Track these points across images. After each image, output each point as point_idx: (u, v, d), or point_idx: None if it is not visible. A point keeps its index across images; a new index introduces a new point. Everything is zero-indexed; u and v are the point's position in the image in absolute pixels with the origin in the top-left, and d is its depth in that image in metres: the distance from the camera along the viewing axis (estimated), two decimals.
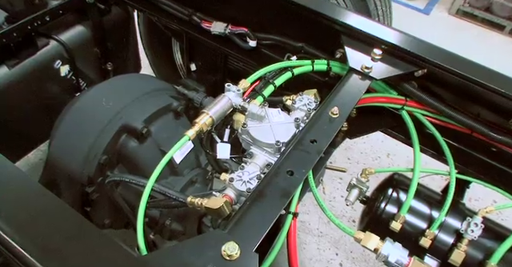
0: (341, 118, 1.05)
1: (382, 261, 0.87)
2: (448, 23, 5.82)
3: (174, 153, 0.92)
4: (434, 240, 1.18)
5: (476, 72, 1.26)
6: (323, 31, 1.43)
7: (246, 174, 0.91)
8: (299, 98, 1.16)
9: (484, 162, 1.35)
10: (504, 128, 1.26)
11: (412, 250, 1.21)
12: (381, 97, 1.32)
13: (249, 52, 1.64)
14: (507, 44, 5.67)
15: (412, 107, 1.33)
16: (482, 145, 1.33)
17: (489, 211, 1.18)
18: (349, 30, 1.35)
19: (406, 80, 1.33)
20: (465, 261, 1.14)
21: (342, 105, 1.08)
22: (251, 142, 1.00)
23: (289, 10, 1.45)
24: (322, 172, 1.68)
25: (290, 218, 0.86)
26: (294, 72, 1.31)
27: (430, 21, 5.63)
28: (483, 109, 1.29)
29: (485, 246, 1.18)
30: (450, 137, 1.35)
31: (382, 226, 1.23)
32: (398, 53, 1.29)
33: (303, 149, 0.94)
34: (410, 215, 1.23)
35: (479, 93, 1.25)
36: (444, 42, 4.60)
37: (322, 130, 1.00)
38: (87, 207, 1.38)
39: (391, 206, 1.26)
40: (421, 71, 1.30)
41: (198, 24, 1.67)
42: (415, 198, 1.26)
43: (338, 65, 1.37)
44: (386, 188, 1.32)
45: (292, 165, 0.91)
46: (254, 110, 1.01)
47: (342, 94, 1.14)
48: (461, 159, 1.35)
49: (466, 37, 5.51)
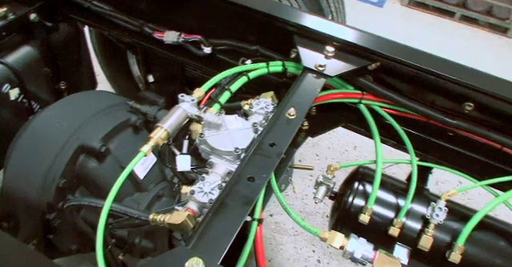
0: (298, 119, 1.05)
1: (349, 258, 0.87)
2: (401, 14, 5.99)
3: (130, 171, 0.89)
4: (403, 228, 1.20)
5: (427, 61, 1.29)
6: (276, 33, 1.43)
7: (207, 185, 0.89)
8: (256, 102, 1.16)
9: (443, 147, 1.38)
10: (458, 112, 1.30)
11: (383, 240, 1.24)
12: (338, 93, 1.34)
13: (205, 59, 1.62)
14: (458, 29, 5.90)
15: (369, 100, 1.36)
16: (439, 131, 1.37)
17: (451, 194, 1.21)
18: (300, 30, 1.36)
19: (361, 74, 1.35)
20: (433, 245, 1.17)
21: (298, 106, 1.08)
22: (210, 152, 0.98)
23: (240, 15, 1.45)
24: (289, 172, 1.69)
25: (255, 225, 0.85)
26: (250, 76, 1.30)
27: (384, 13, 5.78)
28: (437, 97, 1.32)
29: (451, 229, 1.20)
30: (409, 126, 1.38)
31: (351, 220, 1.24)
32: (350, 48, 1.31)
33: (263, 154, 0.93)
34: (378, 206, 1.24)
35: (432, 81, 1.28)
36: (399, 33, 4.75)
37: (281, 133, 1.00)
38: (50, 235, 1.33)
39: (358, 199, 1.27)
40: (374, 64, 1.33)
41: (151, 35, 1.64)
42: (381, 189, 1.27)
43: (294, 65, 1.38)
44: (352, 182, 1.33)
45: (252, 170, 0.90)
46: (210, 119, 1.00)
47: (298, 94, 1.14)
48: (421, 146, 1.38)
49: (420, 26, 5.69)
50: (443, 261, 1.17)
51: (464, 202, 1.35)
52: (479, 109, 1.28)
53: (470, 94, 1.26)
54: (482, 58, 5.25)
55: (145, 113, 1.33)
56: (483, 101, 1.25)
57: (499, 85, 1.27)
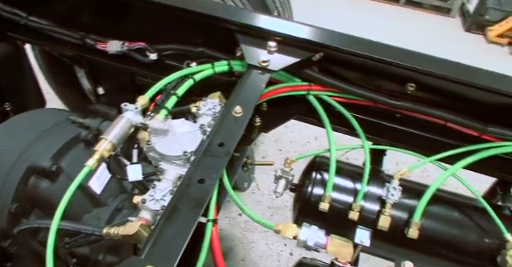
0: (245, 116, 1.05)
1: (303, 247, 0.89)
2: (349, 4, 6.15)
3: (76, 187, 0.87)
4: (361, 211, 1.24)
5: (367, 48, 1.33)
6: (220, 33, 1.43)
7: (159, 192, 0.88)
8: (203, 104, 1.16)
9: (392, 129, 1.43)
10: (401, 94, 1.35)
11: (345, 225, 1.27)
12: (285, 87, 1.35)
13: (152, 66, 1.60)
14: (404, 13, 6.11)
15: (317, 91, 1.38)
16: (387, 113, 1.41)
17: (403, 173, 1.26)
18: (242, 28, 1.37)
19: (306, 66, 1.37)
20: (392, 224, 1.21)
21: (244, 103, 1.09)
22: (159, 158, 0.97)
23: (182, 18, 1.44)
24: (250, 170, 1.70)
25: (210, 226, 0.85)
26: (196, 78, 1.30)
27: (332, 5, 5.91)
28: (381, 81, 1.36)
29: (407, 206, 1.25)
30: (358, 112, 1.42)
31: (312, 209, 1.27)
32: (292, 42, 1.33)
33: (212, 154, 0.94)
34: (336, 193, 1.27)
35: (374, 66, 1.32)
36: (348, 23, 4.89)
37: (229, 132, 1.01)
38: (7, 263, 1.28)
39: (317, 188, 1.30)
40: (318, 55, 1.35)
41: (93, 46, 1.60)
42: (338, 176, 1.30)
43: (239, 63, 1.38)
44: (310, 172, 1.36)
45: (202, 172, 0.90)
46: (156, 125, 0.99)
47: (244, 92, 1.15)
48: (372, 130, 1.42)
49: (367, 14, 5.86)
50: (403, 238, 1.22)
51: (424, 178, 1.40)
52: (421, 89, 1.32)
53: (410, 75, 1.31)
54: (430, 39, 5.47)
55: (88, 126, 1.30)
56: (423, 80, 1.30)
57: (437, 64, 1.32)
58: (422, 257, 1.29)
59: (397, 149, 1.39)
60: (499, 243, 1.21)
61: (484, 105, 1.30)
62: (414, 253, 1.27)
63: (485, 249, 1.23)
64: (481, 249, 1.23)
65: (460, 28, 6.13)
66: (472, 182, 1.27)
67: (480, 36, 5.93)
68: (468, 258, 1.25)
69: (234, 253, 1.91)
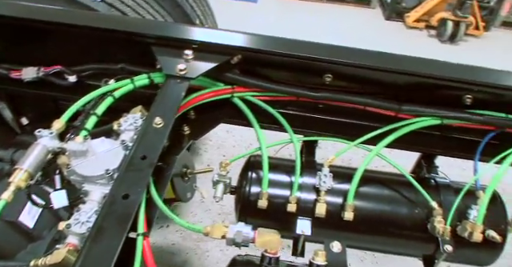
0: (166, 126, 1.06)
1: (233, 245, 0.91)
2: (276, 6, 6.32)
3: None
4: (299, 202, 1.28)
5: (281, 46, 1.38)
6: (136, 47, 1.42)
7: (84, 214, 0.86)
8: (124, 120, 1.15)
9: (318, 119, 1.49)
10: (321, 85, 1.41)
11: (285, 219, 1.31)
12: (208, 92, 1.37)
13: (73, 88, 1.55)
14: (327, 9, 6.38)
15: (241, 92, 1.41)
16: (310, 106, 1.47)
17: (331, 160, 1.31)
18: (156, 40, 1.37)
19: (227, 70, 1.40)
20: (328, 210, 1.26)
21: (164, 113, 1.09)
22: (82, 180, 0.95)
23: (95, 37, 1.42)
24: (192, 179, 1.69)
25: (141, 240, 0.84)
26: (116, 95, 1.28)
27: (259, 8, 6.05)
28: (300, 75, 1.42)
29: (340, 191, 1.31)
30: (283, 108, 1.47)
31: (252, 208, 1.29)
32: (207, 48, 1.35)
33: (135, 169, 0.93)
34: (273, 188, 1.31)
35: (290, 62, 1.37)
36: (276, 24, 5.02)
37: (151, 144, 1.00)
38: None
39: (254, 187, 1.32)
40: (236, 58, 1.38)
41: (7, 76, 1.53)
42: (273, 172, 1.34)
43: (159, 75, 1.38)
44: (246, 172, 1.38)
45: (126, 187, 0.89)
46: (74, 148, 0.97)
47: (163, 102, 1.15)
48: (299, 124, 1.47)
49: (294, 13, 6.05)
50: (341, 222, 1.27)
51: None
52: (338, 78, 1.39)
53: (326, 67, 1.37)
54: (355, 30, 5.75)
55: (1, 159, 1.24)
56: (338, 70, 1.37)
57: (349, 53, 1.40)
58: (361, 237, 1.35)
59: (325, 138, 1.45)
60: (427, 212, 1.30)
61: (396, 86, 1.39)
62: (353, 234, 1.33)
63: (416, 219, 1.32)
64: (413, 220, 1.32)
65: (381, 17, 6.51)
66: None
67: (400, 23, 6.32)
68: (403, 230, 1.33)
69: (190, 265, 1.89)
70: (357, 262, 2.31)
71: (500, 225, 1.31)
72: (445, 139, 1.46)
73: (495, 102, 1.38)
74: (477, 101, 1.37)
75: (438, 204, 1.28)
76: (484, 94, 1.37)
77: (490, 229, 1.26)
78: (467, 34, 6.11)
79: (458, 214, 1.29)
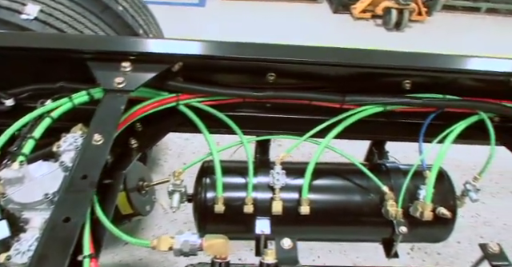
0: (106, 143, 1.03)
1: (181, 255, 0.90)
2: (223, 9, 6.32)
3: None
4: (255, 203, 1.28)
5: (220, 49, 1.39)
6: (73, 64, 1.38)
7: (25, 243, 0.83)
8: (63, 140, 1.11)
9: (267, 118, 1.50)
10: (265, 84, 1.42)
11: (244, 221, 1.31)
12: (152, 103, 1.35)
13: (11, 112, 1.49)
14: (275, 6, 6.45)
15: (186, 99, 1.40)
16: (257, 106, 1.48)
17: (283, 157, 1.33)
18: (91, 55, 1.34)
19: (169, 78, 1.38)
20: (285, 206, 1.27)
21: (104, 129, 1.07)
22: (21, 208, 0.91)
23: (28, 57, 1.37)
24: (150, 192, 1.67)
25: (87, 262, 0.82)
26: (54, 115, 1.24)
27: (207, 12, 6.03)
28: (244, 76, 1.43)
29: (294, 186, 1.32)
30: (231, 110, 1.47)
31: (210, 214, 1.29)
32: (144, 58, 1.33)
33: (75, 189, 0.90)
34: (228, 192, 1.30)
35: (233, 65, 1.38)
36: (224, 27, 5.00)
37: (91, 162, 0.98)
38: None
39: (210, 193, 1.32)
40: (177, 65, 1.37)
41: None
42: (227, 175, 1.34)
43: (99, 90, 1.35)
44: (200, 178, 1.37)
45: (68, 210, 0.86)
46: (9, 175, 0.93)
47: (102, 118, 1.12)
48: (249, 125, 1.48)
49: (242, 14, 6.07)
50: (298, 217, 1.29)
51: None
52: (280, 76, 1.41)
53: (268, 66, 1.38)
54: (304, 26, 5.85)
55: None
56: (280, 68, 1.39)
57: (289, 50, 1.42)
58: (321, 229, 1.38)
59: (275, 136, 1.46)
60: (380, 197, 1.34)
61: (338, 78, 1.42)
62: (312, 227, 1.36)
63: (371, 205, 1.35)
64: (367, 207, 1.35)
65: (329, 11, 6.64)
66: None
67: (347, 15, 6.48)
68: (359, 218, 1.36)
69: None
70: (325, 253, 2.35)
71: (449, 202, 1.36)
72: (390, 125, 1.51)
73: (433, 85, 1.44)
74: (416, 86, 1.42)
75: (389, 188, 1.32)
76: (421, 78, 1.42)
77: (440, 206, 1.31)
78: (411, 20, 6.34)
79: (409, 196, 1.34)
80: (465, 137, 1.42)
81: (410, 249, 2.47)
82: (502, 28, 6.73)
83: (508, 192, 3.08)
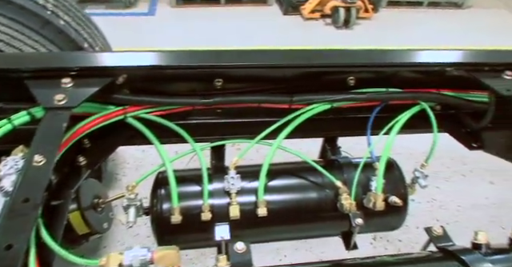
0: (48, 163, 1.00)
1: None
2: (174, 16, 6.28)
3: None
4: (213, 209, 1.28)
5: (167, 59, 1.38)
6: (13, 84, 1.33)
7: None
8: (3, 164, 1.06)
9: (218, 124, 1.50)
10: (213, 90, 1.42)
11: (203, 229, 1.30)
12: (97, 118, 1.32)
13: None
14: (227, 12, 6.48)
15: (134, 111, 1.38)
16: (208, 112, 1.48)
17: (236, 162, 1.33)
18: (29, 73, 1.29)
19: (114, 91, 1.35)
20: (242, 210, 1.28)
21: (45, 149, 1.03)
22: None
23: None
24: (107, 209, 1.62)
25: None
26: None
27: (158, 20, 5.97)
28: (192, 84, 1.42)
29: (250, 189, 1.33)
30: (182, 119, 1.46)
31: (168, 226, 1.27)
32: (86, 73, 1.30)
33: (17, 214, 0.87)
34: (185, 201, 1.29)
35: (181, 74, 1.37)
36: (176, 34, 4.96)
37: (33, 184, 0.94)
38: None
39: (166, 204, 1.30)
40: (121, 78, 1.35)
41: None
42: (182, 185, 1.33)
43: (40, 109, 1.30)
44: (155, 190, 1.35)
45: (9, 237, 0.82)
46: None
47: (43, 137, 1.08)
48: (201, 132, 1.48)
49: (194, 21, 6.05)
50: (257, 219, 1.30)
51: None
52: (228, 81, 1.42)
53: (214, 72, 1.39)
54: (255, 29, 5.91)
55: None
56: (227, 73, 1.39)
57: (234, 55, 1.43)
58: (281, 229, 1.40)
59: (228, 141, 1.47)
60: (335, 191, 1.38)
61: (285, 80, 1.45)
62: (272, 227, 1.37)
63: (327, 201, 1.38)
64: (324, 203, 1.38)
65: (279, 13, 6.75)
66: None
67: (297, 16, 6.61)
68: (317, 214, 1.39)
69: None
70: (292, 252, 2.39)
71: (400, 190, 1.42)
72: (339, 121, 1.55)
73: (375, 79, 1.50)
74: (359, 81, 1.47)
75: (343, 182, 1.36)
76: (364, 74, 1.47)
77: (392, 195, 1.36)
78: (359, 18, 6.56)
79: (362, 188, 1.38)
80: (410, 127, 1.49)
81: (372, 239, 2.56)
82: (442, 20, 7.10)
83: (460, 175, 3.24)
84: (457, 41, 5.88)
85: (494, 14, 7.48)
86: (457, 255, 0.92)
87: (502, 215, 2.83)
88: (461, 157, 3.35)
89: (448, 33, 6.34)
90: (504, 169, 1.35)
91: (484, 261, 0.90)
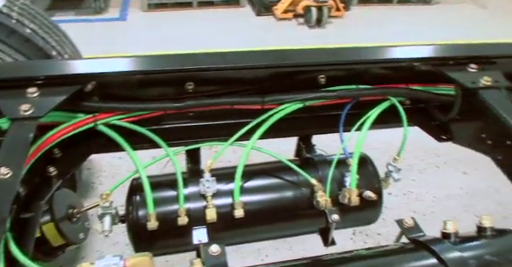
0: (15, 175, 0.97)
1: None
2: (146, 20, 6.23)
3: None
4: (189, 213, 1.27)
5: (135, 64, 1.37)
6: None
7: None
8: None
9: (192, 128, 1.49)
10: (185, 94, 1.41)
11: (180, 233, 1.30)
12: (66, 127, 1.29)
13: None
14: (200, 14, 6.46)
15: (104, 119, 1.36)
16: (181, 116, 1.47)
17: (210, 165, 1.33)
18: None
19: (84, 99, 1.33)
20: (219, 213, 1.28)
21: (12, 161, 1.01)
22: None
23: None
24: (83, 219, 1.59)
25: None
26: None
27: (130, 25, 5.90)
28: (163, 89, 1.41)
29: (226, 191, 1.33)
30: (154, 124, 1.45)
31: (145, 233, 1.26)
32: (53, 81, 1.27)
33: None
34: (160, 207, 1.28)
35: (151, 79, 1.36)
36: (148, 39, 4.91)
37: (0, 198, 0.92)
38: None
39: (142, 210, 1.29)
40: (90, 85, 1.32)
41: None
42: (157, 190, 1.32)
43: (4, 120, 1.27)
44: (130, 196, 1.34)
45: None
46: None
47: (9, 149, 1.06)
48: (175, 136, 1.46)
49: (165, 24, 6.01)
50: (234, 221, 1.30)
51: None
52: (200, 85, 1.41)
53: (185, 76, 1.38)
54: (229, 31, 5.92)
55: None
56: (197, 77, 1.39)
57: (204, 58, 1.43)
58: (259, 229, 1.40)
59: (202, 144, 1.46)
60: (310, 189, 1.39)
61: (257, 80, 1.45)
62: (249, 228, 1.37)
63: (303, 199, 1.40)
64: (300, 201, 1.39)
65: (252, 14, 6.77)
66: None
67: (270, 16, 6.65)
68: (294, 212, 1.40)
69: None
70: (273, 251, 2.40)
71: (374, 184, 1.45)
72: (312, 119, 1.57)
73: (345, 77, 1.52)
74: (330, 79, 1.49)
75: (318, 180, 1.38)
76: (334, 72, 1.49)
77: (366, 189, 1.39)
78: (331, 16, 6.65)
79: (337, 184, 1.40)
80: (381, 122, 1.51)
81: (352, 234, 2.60)
82: (412, 16, 7.27)
83: (434, 166, 3.33)
84: (426, 36, 6.04)
85: (461, 9, 7.72)
86: (427, 245, 0.95)
87: (474, 204, 2.92)
88: (434, 149, 3.44)
89: (418, 29, 6.49)
90: (475, 159, 1.39)
91: (453, 249, 0.92)
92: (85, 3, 6.42)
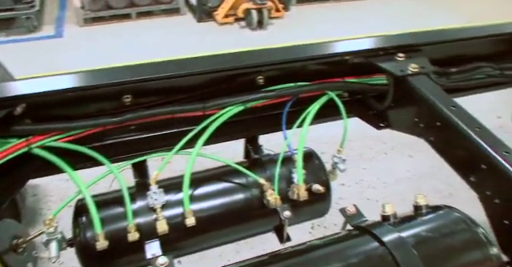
0: None
1: None
2: (82, 36, 6.01)
3: None
4: (140, 228, 1.25)
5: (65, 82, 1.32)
6: None
7: None
8: None
9: (133, 141, 1.46)
10: (123, 107, 1.38)
11: (133, 250, 1.26)
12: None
13: None
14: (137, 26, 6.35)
15: (39, 141, 1.30)
16: (123, 130, 1.44)
17: (156, 176, 1.32)
18: None
19: (14, 123, 1.27)
20: (170, 224, 1.26)
21: None
22: None
23: None
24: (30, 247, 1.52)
25: None
26: None
27: (67, 42, 5.68)
28: (100, 104, 1.37)
29: (175, 201, 1.32)
30: (94, 142, 1.40)
31: (95, 254, 1.22)
32: None
33: None
34: (108, 225, 1.25)
35: (85, 95, 1.32)
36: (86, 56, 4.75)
37: None
38: None
39: (89, 231, 1.24)
40: (19, 108, 1.26)
41: None
42: (104, 209, 1.28)
43: None
44: (76, 218, 1.29)
45: None
46: None
47: None
48: (116, 151, 1.42)
49: (104, 39, 5.85)
50: (187, 230, 1.29)
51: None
52: (137, 97, 1.38)
53: (121, 89, 1.35)
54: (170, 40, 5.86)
55: None
56: (134, 89, 1.36)
57: (138, 70, 1.41)
58: (214, 235, 1.40)
59: (146, 156, 1.43)
60: (260, 189, 1.40)
61: (195, 87, 1.45)
62: (204, 235, 1.37)
63: (254, 200, 1.41)
64: (251, 202, 1.40)
65: (193, 21, 6.75)
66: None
67: (211, 22, 6.66)
68: (246, 214, 1.41)
69: None
70: (234, 255, 2.40)
71: (321, 177, 1.48)
72: (255, 120, 1.59)
73: (283, 75, 1.55)
74: (268, 80, 1.51)
75: (267, 179, 1.39)
76: (271, 72, 1.52)
77: (314, 183, 1.42)
78: (272, 18, 6.77)
79: (286, 181, 1.42)
80: (322, 117, 1.56)
81: (311, 228, 2.65)
82: (351, 12, 7.54)
83: (382, 153, 3.48)
84: (364, 30, 6.29)
85: (398, 2, 8.10)
86: (368, 229, 0.99)
87: (421, 185, 3.08)
88: (380, 137, 3.59)
89: (355, 24, 6.75)
90: (418, 142, 1.47)
91: (392, 230, 0.97)
92: (16, 23, 6.10)
